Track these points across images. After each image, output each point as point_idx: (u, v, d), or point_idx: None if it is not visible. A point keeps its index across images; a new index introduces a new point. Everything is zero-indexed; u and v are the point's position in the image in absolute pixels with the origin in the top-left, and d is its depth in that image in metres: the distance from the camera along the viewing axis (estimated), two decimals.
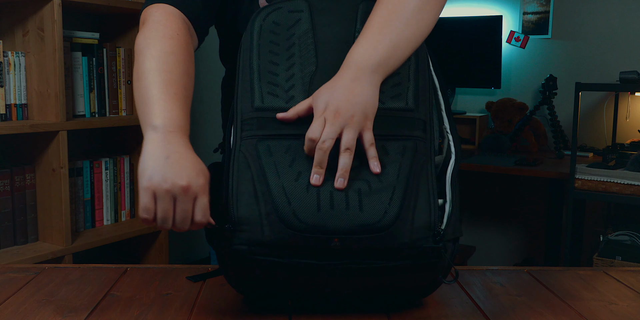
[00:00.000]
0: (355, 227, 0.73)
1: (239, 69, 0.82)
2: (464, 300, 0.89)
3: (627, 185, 2.37)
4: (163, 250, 2.42)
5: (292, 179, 0.74)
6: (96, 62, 2.22)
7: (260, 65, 0.80)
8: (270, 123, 0.77)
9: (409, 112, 0.80)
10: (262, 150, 0.76)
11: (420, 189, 0.77)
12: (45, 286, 0.93)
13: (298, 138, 0.76)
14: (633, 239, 2.52)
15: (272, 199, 0.73)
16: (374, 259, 0.75)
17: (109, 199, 2.30)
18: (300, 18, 0.83)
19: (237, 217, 0.74)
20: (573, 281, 0.99)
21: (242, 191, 0.75)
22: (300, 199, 0.73)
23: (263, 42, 0.81)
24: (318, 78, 0.80)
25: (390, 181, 0.75)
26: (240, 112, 0.79)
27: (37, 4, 1.95)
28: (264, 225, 0.73)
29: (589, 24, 3.12)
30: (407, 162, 0.77)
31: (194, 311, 0.84)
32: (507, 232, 3.37)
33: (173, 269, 1.01)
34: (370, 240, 0.74)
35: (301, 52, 0.81)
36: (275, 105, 0.78)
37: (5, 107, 1.95)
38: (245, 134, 0.78)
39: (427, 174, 0.78)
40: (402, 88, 0.81)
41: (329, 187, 0.74)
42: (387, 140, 0.78)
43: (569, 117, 3.05)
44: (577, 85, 2.44)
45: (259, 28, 0.82)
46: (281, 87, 0.79)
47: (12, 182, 1.98)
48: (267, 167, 0.75)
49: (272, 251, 0.74)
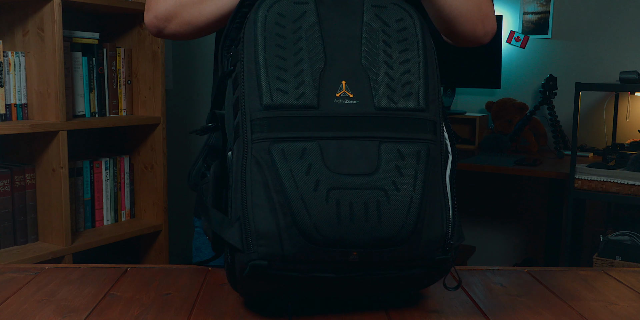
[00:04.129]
0: (374, 240, 0.72)
1: (243, 63, 0.76)
2: (464, 300, 0.89)
3: (627, 185, 2.37)
4: (163, 250, 2.42)
5: (311, 188, 0.71)
6: (96, 62, 2.22)
7: (267, 59, 0.75)
8: (282, 123, 0.73)
9: (420, 113, 0.77)
10: (276, 155, 0.72)
11: (435, 198, 0.75)
12: (45, 286, 0.93)
13: (312, 140, 0.73)
14: (633, 239, 2.52)
15: (291, 211, 0.70)
16: (388, 269, 0.75)
17: (109, 199, 2.30)
18: (306, 10, 0.78)
19: (255, 231, 0.71)
20: (573, 281, 0.99)
21: (258, 203, 0.72)
22: (320, 211, 0.70)
23: (269, 35, 0.76)
24: (328, 75, 0.76)
25: (407, 191, 0.73)
26: (249, 111, 0.74)
27: (37, 4, 1.95)
28: (283, 239, 0.71)
29: (589, 24, 3.12)
30: (422, 169, 0.74)
31: (194, 311, 0.84)
32: (507, 232, 3.37)
33: (173, 269, 1.01)
34: (387, 254, 0.73)
35: (309, 46, 0.76)
36: (285, 103, 0.74)
37: (5, 107, 1.95)
38: (255, 136, 0.73)
39: (440, 181, 0.77)
40: (413, 87, 0.77)
41: (348, 197, 0.71)
42: (402, 143, 0.75)
43: (569, 117, 3.05)
44: (577, 85, 2.44)
45: (264, 19, 0.77)
46: (290, 84, 0.74)
47: (12, 182, 1.98)
48: (284, 175, 0.71)
49: (291, 265, 0.72)
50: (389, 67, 0.77)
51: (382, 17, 0.79)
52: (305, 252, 0.71)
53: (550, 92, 3.04)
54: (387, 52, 0.78)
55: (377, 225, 0.71)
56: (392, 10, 0.80)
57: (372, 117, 0.75)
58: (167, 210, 2.42)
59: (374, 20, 0.79)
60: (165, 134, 2.37)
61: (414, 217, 0.72)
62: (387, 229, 0.72)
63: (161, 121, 2.34)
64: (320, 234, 0.71)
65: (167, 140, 2.44)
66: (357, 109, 0.75)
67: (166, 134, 2.39)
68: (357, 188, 0.72)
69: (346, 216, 0.71)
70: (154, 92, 2.33)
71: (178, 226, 2.85)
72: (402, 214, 0.72)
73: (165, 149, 2.38)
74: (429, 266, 0.77)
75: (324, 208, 0.70)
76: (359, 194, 0.71)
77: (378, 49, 0.78)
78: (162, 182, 2.37)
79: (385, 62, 0.77)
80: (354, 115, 0.74)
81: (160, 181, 2.37)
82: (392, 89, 0.76)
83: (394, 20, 0.79)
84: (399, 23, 0.79)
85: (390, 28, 0.79)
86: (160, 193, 2.38)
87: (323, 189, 0.71)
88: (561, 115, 3.13)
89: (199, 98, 3.09)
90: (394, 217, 0.72)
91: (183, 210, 2.94)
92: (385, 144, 0.74)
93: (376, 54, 0.77)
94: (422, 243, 0.74)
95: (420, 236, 0.73)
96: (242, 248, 0.72)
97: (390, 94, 0.76)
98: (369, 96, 0.75)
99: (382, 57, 0.77)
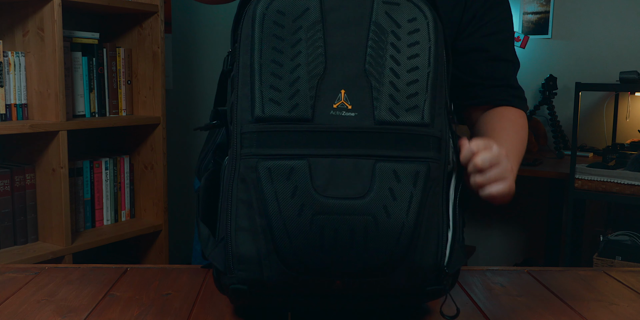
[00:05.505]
0: (359, 269, 0.68)
1: (238, 66, 0.72)
2: (464, 300, 0.89)
3: (627, 185, 2.37)
4: (163, 250, 2.42)
5: (295, 213, 0.67)
6: (96, 62, 2.22)
7: (262, 65, 0.70)
8: (271, 139, 0.69)
9: (423, 128, 0.70)
10: (263, 174, 0.68)
11: (431, 223, 0.70)
12: (45, 286, 0.93)
13: (302, 158, 0.68)
14: (633, 239, 2.52)
15: (272, 237, 0.67)
16: (374, 299, 0.73)
17: (109, 199, 2.30)
18: (308, 7, 0.71)
19: (237, 255, 0.69)
20: (573, 281, 0.99)
21: (242, 226, 0.69)
22: (302, 238, 0.67)
23: (266, 36, 0.70)
24: (326, 82, 0.70)
25: (399, 217, 0.68)
26: (240, 122, 0.71)
27: (37, 4, 1.95)
28: (263, 265, 0.68)
29: (589, 24, 3.12)
30: (418, 192, 0.69)
31: (193, 311, 0.84)
32: (507, 232, 3.37)
33: (173, 269, 1.01)
34: (373, 284, 0.70)
35: (308, 49, 0.70)
36: (276, 115, 0.69)
37: (5, 107, 1.95)
38: (244, 151, 0.70)
39: (438, 205, 0.72)
40: (419, 99, 0.71)
41: (334, 223, 0.67)
42: (399, 163, 0.69)
43: (569, 117, 3.05)
44: (577, 85, 2.44)
45: (261, 17, 0.71)
46: (284, 93, 0.70)
47: (12, 182, 1.98)
48: (268, 197, 0.68)
49: (272, 291, 0.71)
50: (395, 75, 0.71)
51: (393, 15, 0.72)
52: (286, 280, 0.69)
53: (550, 92, 3.04)
54: (395, 57, 0.71)
55: (363, 253, 0.67)
56: (405, 8, 0.73)
57: (369, 133, 0.69)
58: (167, 210, 2.42)
59: (384, 19, 0.72)
60: (165, 134, 2.37)
61: (405, 245, 0.68)
62: (374, 257, 0.68)
63: (161, 121, 2.34)
64: (301, 262, 0.68)
65: (167, 140, 2.44)
66: (355, 122, 0.69)
67: (166, 134, 2.39)
68: (345, 213, 0.67)
69: (330, 243, 0.67)
70: (154, 92, 2.33)
71: (178, 226, 2.85)
72: (392, 241, 0.68)
73: (165, 149, 2.38)
74: (419, 296, 0.73)
75: (307, 234, 0.67)
76: (345, 220, 0.67)
77: (385, 53, 0.71)
78: (162, 182, 2.37)
79: (392, 69, 0.71)
80: (351, 131, 0.69)
81: (160, 181, 2.37)
82: (395, 100, 0.70)
83: (405, 20, 0.72)
84: (411, 24, 0.72)
85: (401, 29, 0.72)
86: (160, 193, 2.38)
87: (307, 213, 0.67)
88: (561, 115, 3.13)
89: (199, 98, 3.09)
90: (382, 244, 0.68)
91: (183, 210, 2.94)
92: (381, 163, 0.69)
93: (382, 58, 0.71)
94: (412, 272, 0.70)
95: (410, 265, 0.69)
96: (224, 270, 0.71)
97: (392, 107, 0.70)
98: (369, 108, 0.70)
99: (389, 63, 0.71)
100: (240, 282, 0.70)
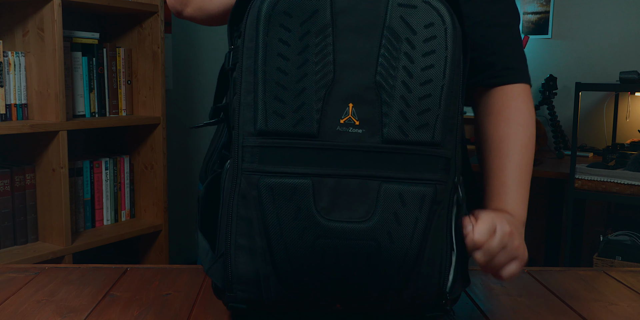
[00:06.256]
0: (360, 295, 0.67)
1: (241, 70, 0.68)
2: (464, 300, 0.89)
3: (627, 185, 2.37)
4: (163, 250, 2.42)
5: (297, 236, 0.65)
6: (96, 62, 2.22)
7: (266, 72, 0.66)
8: (274, 155, 0.66)
9: (433, 148, 0.67)
10: (264, 192, 0.65)
11: (435, 247, 0.68)
12: (45, 286, 0.93)
13: (306, 177, 0.65)
14: (633, 239, 2.52)
15: (272, 258, 0.66)
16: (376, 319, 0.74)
17: (109, 199, 2.30)
18: (318, 9, 0.66)
19: (236, 273, 0.68)
20: (573, 281, 0.99)
21: (241, 244, 0.67)
22: (303, 262, 0.65)
23: (271, 40, 0.66)
24: (334, 94, 0.66)
25: (403, 243, 0.66)
26: (242, 134, 0.67)
27: (37, 4, 1.95)
28: (262, 286, 0.67)
29: (589, 24, 3.12)
30: (424, 217, 0.66)
31: (193, 311, 0.84)
32: None
33: (173, 269, 1.01)
34: (373, 308, 0.70)
35: (316, 57, 0.66)
36: (280, 129, 0.65)
37: (5, 107, 1.95)
38: (246, 166, 0.67)
39: (443, 228, 0.69)
40: (431, 116, 0.66)
41: (336, 248, 0.65)
42: (406, 185, 0.66)
43: (569, 117, 3.05)
44: (577, 85, 2.44)
45: (267, 18, 0.66)
46: (289, 105, 0.65)
47: (12, 182, 1.98)
48: (269, 218, 0.65)
49: (272, 310, 0.70)
50: (407, 89, 0.66)
51: (408, 20, 0.67)
52: (285, 302, 0.68)
53: (550, 92, 3.04)
54: (408, 68, 0.66)
55: (365, 278, 0.66)
56: (422, 12, 0.67)
57: (376, 152, 0.66)
58: (167, 210, 2.42)
59: (398, 24, 0.67)
60: (165, 134, 2.37)
61: (407, 271, 0.66)
62: (376, 283, 0.66)
63: (161, 121, 2.34)
64: (301, 286, 0.66)
65: (167, 140, 2.44)
66: (362, 139, 0.66)
67: (166, 134, 2.39)
68: (348, 238, 0.65)
69: (331, 268, 0.66)
70: (154, 92, 2.33)
71: (178, 226, 2.85)
72: (394, 268, 0.66)
73: (165, 149, 2.38)
74: (420, 318, 0.73)
75: (308, 258, 0.65)
76: (348, 245, 0.65)
77: (398, 64, 0.66)
78: (162, 182, 2.37)
79: (404, 82, 0.66)
80: (357, 149, 0.66)
81: (160, 181, 2.37)
82: (405, 117, 0.66)
83: (422, 26, 0.67)
84: (428, 30, 0.67)
85: (417, 36, 0.67)
86: (160, 193, 2.38)
87: (309, 237, 0.65)
88: (561, 115, 3.13)
89: (199, 98, 3.10)
90: (384, 270, 0.66)
91: (183, 210, 2.94)
92: (386, 185, 0.66)
93: (395, 70, 0.66)
94: (413, 298, 0.68)
95: (412, 291, 0.68)
96: (223, 287, 0.70)
97: (402, 124, 0.66)
98: (378, 124, 0.66)
99: (401, 75, 0.66)
100: (239, 301, 0.69)
